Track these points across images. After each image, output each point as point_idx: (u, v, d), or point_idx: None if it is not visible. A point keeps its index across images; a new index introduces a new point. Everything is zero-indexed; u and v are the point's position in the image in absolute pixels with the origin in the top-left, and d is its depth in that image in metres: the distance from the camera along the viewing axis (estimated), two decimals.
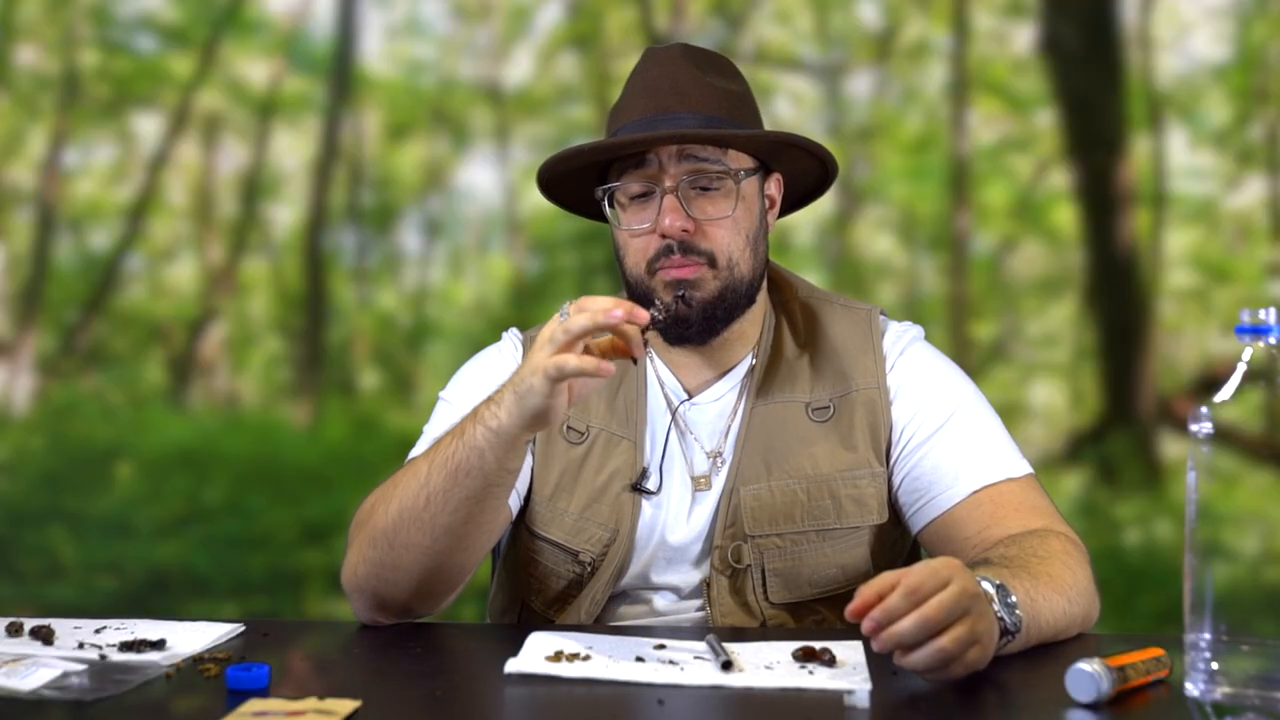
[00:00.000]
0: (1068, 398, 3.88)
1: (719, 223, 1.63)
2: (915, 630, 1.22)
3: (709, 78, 1.67)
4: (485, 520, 1.54)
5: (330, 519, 3.81)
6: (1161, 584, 3.60)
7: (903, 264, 3.92)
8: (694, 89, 1.65)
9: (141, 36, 4.07)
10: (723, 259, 1.64)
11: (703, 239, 1.63)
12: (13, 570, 3.85)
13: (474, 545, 1.56)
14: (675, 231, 1.62)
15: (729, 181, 1.64)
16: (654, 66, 1.68)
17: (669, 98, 1.64)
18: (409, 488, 1.53)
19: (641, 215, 1.65)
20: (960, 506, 1.63)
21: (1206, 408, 1.15)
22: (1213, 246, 3.86)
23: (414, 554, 1.53)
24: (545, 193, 1.76)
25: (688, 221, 1.62)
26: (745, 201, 1.66)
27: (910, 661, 1.24)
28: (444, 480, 1.50)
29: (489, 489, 1.50)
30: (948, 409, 1.69)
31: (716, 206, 1.64)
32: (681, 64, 1.67)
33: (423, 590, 1.56)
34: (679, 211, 1.62)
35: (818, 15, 3.99)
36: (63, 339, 4.03)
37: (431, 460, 1.52)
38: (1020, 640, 1.38)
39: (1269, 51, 3.84)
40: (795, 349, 1.74)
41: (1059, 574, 1.48)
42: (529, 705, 1.27)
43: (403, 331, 4.02)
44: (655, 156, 1.63)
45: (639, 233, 1.64)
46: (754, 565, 1.66)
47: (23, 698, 1.23)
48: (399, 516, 1.53)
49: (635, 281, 1.67)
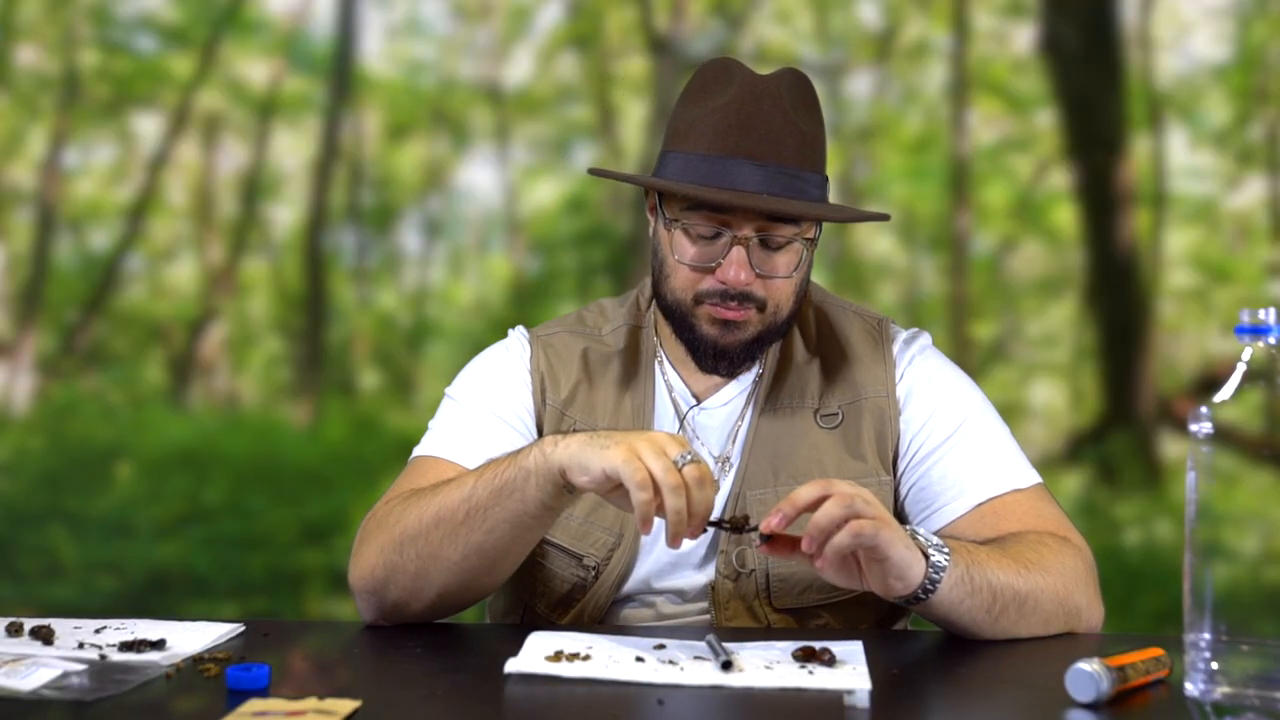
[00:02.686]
0: (1068, 398, 3.89)
1: (780, 280, 1.64)
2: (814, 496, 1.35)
3: (801, 123, 1.62)
4: (514, 551, 1.52)
5: (330, 519, 3.81)
6: (1161, 584, 3.60)
7: (903, 264, 3.92)
8: (788, 135, 1.61)
9: (141, 36, 4.07)
10: (770, 307, 1.64)
11: (760, 289, 1.63)
12: (13, 570, 3.85)
13: (498, 571, 1.54)
14: (739, 284, 1.61)
15: (798, 244, 1.64)
16: (750, 101, 1.62)
17: (760, 144, 1.60)
18: (451, 498, 1.51)
19: (704, 252, 1.62)
20: (965, 518, 1.63)
21: (1206, 408, 1.15)
22: (1213, 246, 3.86)
23: (440, 565, 1.51)
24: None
25: (751, 276, 1.61)
26: (804, 260, 1.66)
27: (815, 520, 1.34)
28: (487, 496, 1.47)
29: (524, 518, 1.46)
30: (956, 419, 1.68)
31: (782, 264, 1.63)
32: (779, 103, 1.62)
33: (437, 604, 1.55)
34: (746, 265, 1.60)
35: (818, 15, 3.99)
36: (63, 339, 4.03)
37: (480, 475, 1.50)
38: (965, 584, 1.41)
39: (1269, 51, 3.85)
40: (806, 354, 1.73)
41: (1021, 551, 1.50)
42: (529, 705, 1.27)
43: (403, 331, 4.03)
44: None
45: (698, 268, 1.63)
46: (758, 570, 1.65)
47: (23, 698, 1.23)
48: (433, 524, 1.51)
49: (675, 304, 1.66)
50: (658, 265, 1.69)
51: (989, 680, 1.32)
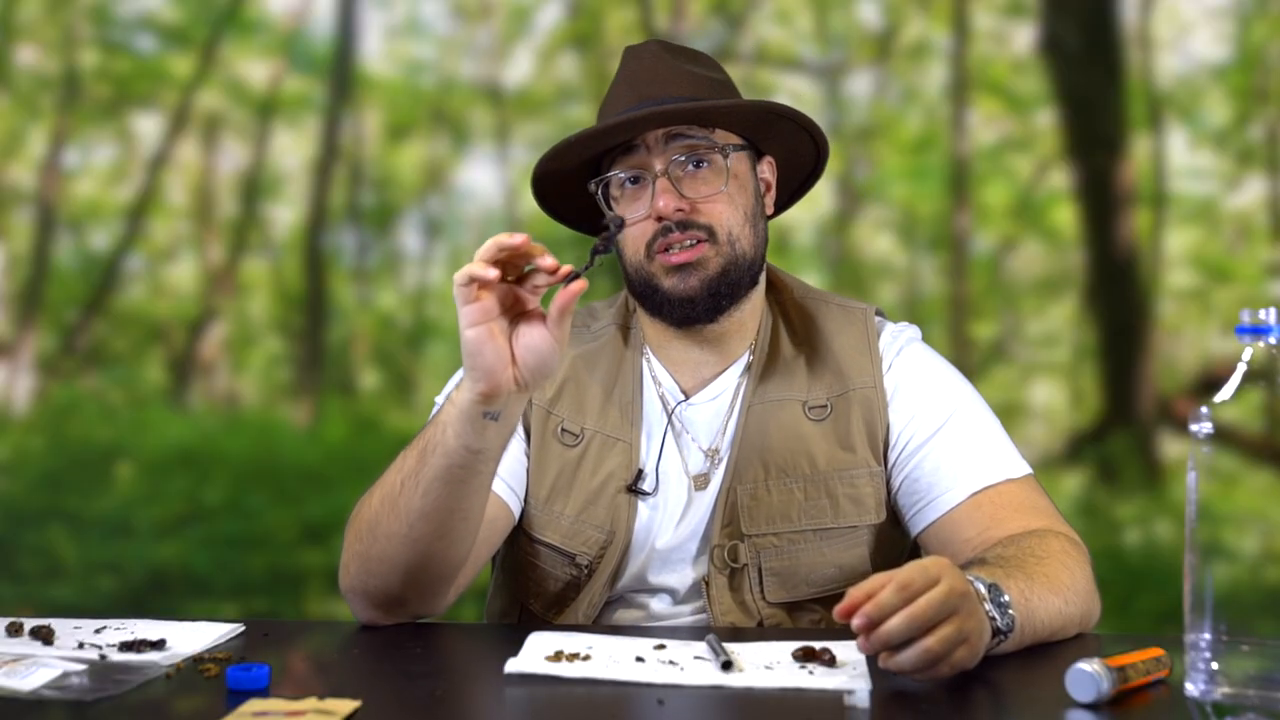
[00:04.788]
0: (1068, 398, 3.88)
1: (713, 199, 1.65)
2: (904, 628, 1.22)
3: (688, 66, 1.69)
4: (460, 508, 1.49)
5: (330, 519, 3.81)
6: (1161, 584, 3.60)
7: (903, 264, 3.92)
8: (674, 77, 1.67)
9: (141, 36, 4.07)
10: (722, 233, 1.65)
11: (699, 215, 1.64)
12: (13, 570, 3.85)
13: (453, 535, 1.51)
14: (670, 211, 1.63)
15: (717, 157, 1.65)
16: (632, 61, 1.70)
17: (650, 86, 1.66)
18: (389, 475, 1.53)
19: (636, 204, 1.66)
20: (960, 509, 1.63)
21: (1206, 408, 1.15)
22: (1213, 246, 3.86)
23: (394, 543, 1.51)
24: (541, 203, 1.76)
25: (681, 201, 1.63)
26: (738, 179, 1.67)
27: (897, 662, 1.24)
28: (415, 461, 1.48)
29: (452, 470, 1.45)
30: (945, 410, 1.69)
31: (708, 184, 1.65)
32: (660, 56, 1.69)
33: (410, 582, 1.53)
34: (672, 192, 1.63)
35: (818, 15, 3.99)
36: (63, 339, 4.03)
37: (408, 447, 1.52)
38: (1014, 640, 1.38)
39: (1269, 51, 3.84)
40: (792, 349, 1.74)
41: (1056, 573, 1.48)
42: (529, 705, 1.27)
43: (403, 331, 4.02)
44: (643, 143, 1.64)
45: (636, 220, 1.65)
46: (750, 564, 1.65)
47: (23, 698, 1.23)
48: (379, 505, 1.52)
49: (635, 269, 1.67)
50: (618, 250, 1.70)
51: (989, 680, 1.32)
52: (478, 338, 1.37)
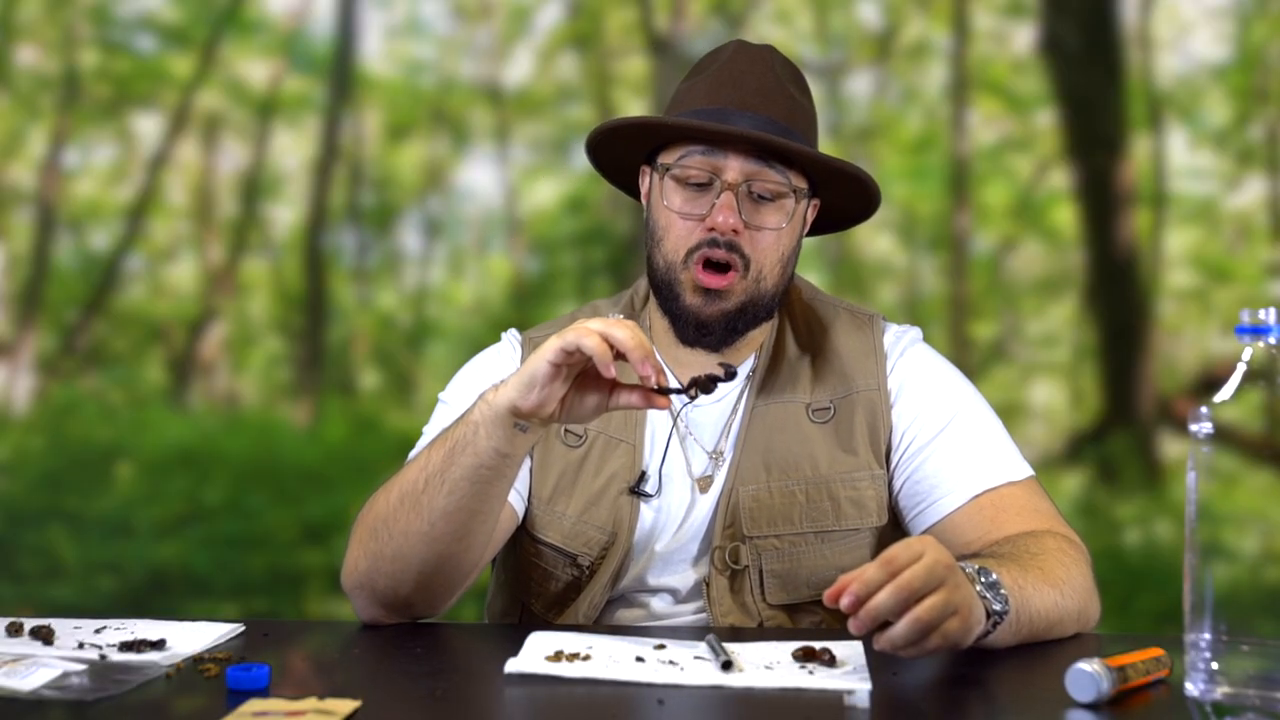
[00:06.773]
0: (1068, 398, 3.88)
1: (767, 234, 1.64)
2: (892, 600, 1.22)
3: (791, 89, 1.66)
4: (482, 510, 1.50)
5: (330, 519, 3.81)
6: (1161, 584, 3.60)
7: (903, 264, 3.92)
8: (777, 96, 1.65)
9: (141, 36, 4.07)
10: (755, 268, 1.64)
11: (747, 244, 1.63)
12: (13, 570, 3.85)
13: (472, 538, 1.52)
14: (726, 229, 1.61)
15: (789, 198, 1.64)
16: (743, 60, 1.67)
17: (753, 96, 1.63)
18: (409, 472, 1.52)
19: (694, 202, 1.64)
20: (961, 511, 1.63)
21: (1206, 408, 1.15)
22: (1213, 246, 3.86)
23: (412, 540, 1.51)
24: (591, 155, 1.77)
25: (739, 223, 1.62)
26: (793, 221, 1.66)
27: (889, 638, 1.24)
28: (441, 459, 1.48)
29: (480, 470, 1.46)
30: (948, 413, 1.69)
31: (770, 217, 1.64)
32: (771, 67, 1.66)
33: (421, 584, 1.54)
34: (734, 210, 1.62)
35: (818, 15, 3.99)
36: (63, 339, 4.03)
37: (433, 444, 1.51)
38: (1011, 628, 1.38)
39: (1269, 51, 3.84)
40: (797, 350, 1.74)
41: (1051, 567, 1.48)
42: (529, 705, 1.27)
43: (403, 331, 4.02)
44: (724, 149, 1.63)
45: (687, 216, 1.64)
46: (751, 566, 1.65)
47: (23, 698, 1.23)
48: (399, 501, 1.52)
49: (666, 267, 1.66)
50: (650, 233, 1.69)
51: (989, 680, 1.32)
52: (551, 374, 1.38)
